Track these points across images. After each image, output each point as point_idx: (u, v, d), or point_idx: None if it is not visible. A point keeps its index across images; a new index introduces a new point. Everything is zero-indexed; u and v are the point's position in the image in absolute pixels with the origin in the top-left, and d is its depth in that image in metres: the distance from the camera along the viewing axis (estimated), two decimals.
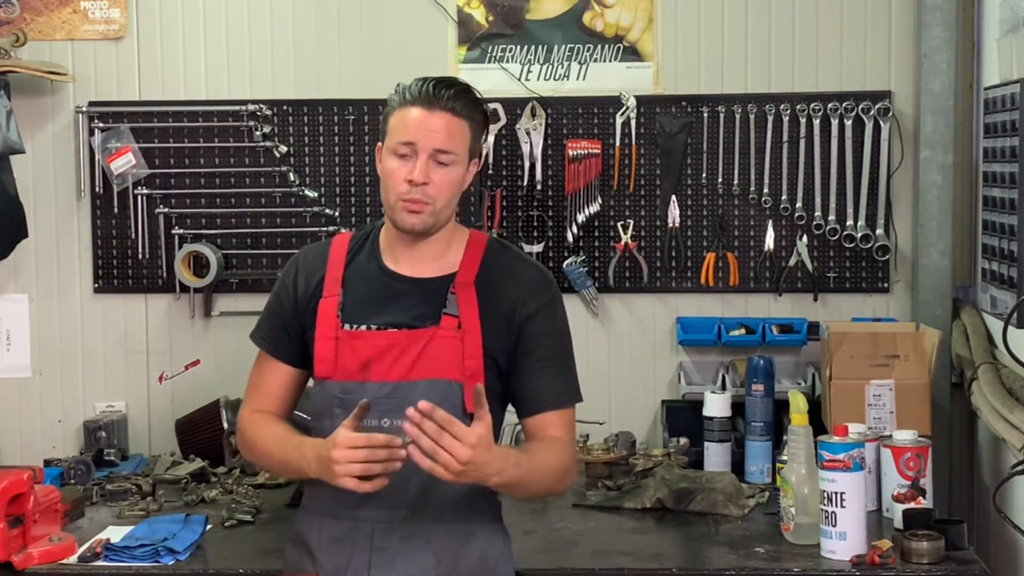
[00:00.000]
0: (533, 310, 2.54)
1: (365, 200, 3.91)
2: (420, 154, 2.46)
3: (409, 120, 2.47)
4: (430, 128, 2.46)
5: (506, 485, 2.41)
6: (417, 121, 2.46)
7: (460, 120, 2.48)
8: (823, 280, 3.85)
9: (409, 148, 2.46)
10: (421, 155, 2.46)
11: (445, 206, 2.50)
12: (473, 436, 2.25)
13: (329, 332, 2.52)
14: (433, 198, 2.47)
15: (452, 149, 2.47)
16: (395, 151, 2.48)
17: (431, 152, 2.46)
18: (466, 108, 2.49)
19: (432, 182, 2.46)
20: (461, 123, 2.49)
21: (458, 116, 2.48)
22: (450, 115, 2.47)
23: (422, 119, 2.46)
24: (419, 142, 2.46)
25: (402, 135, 2.47)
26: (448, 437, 2.23)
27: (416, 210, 2.47)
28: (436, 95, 2.46)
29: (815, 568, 2.83)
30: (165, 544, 2.93)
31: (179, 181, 3.93)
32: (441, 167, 2.47)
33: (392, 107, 2.50)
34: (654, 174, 3.88)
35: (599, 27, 3.89)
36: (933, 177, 3.75)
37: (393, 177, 2.48)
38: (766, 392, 3.54)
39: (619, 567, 2.88)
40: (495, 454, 2.33)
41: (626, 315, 3.93)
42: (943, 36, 3.72)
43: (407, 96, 2.48)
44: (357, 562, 2.48)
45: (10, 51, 3.77)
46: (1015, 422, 2.99)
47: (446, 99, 2.46)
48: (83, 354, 3.98)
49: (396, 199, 2.48)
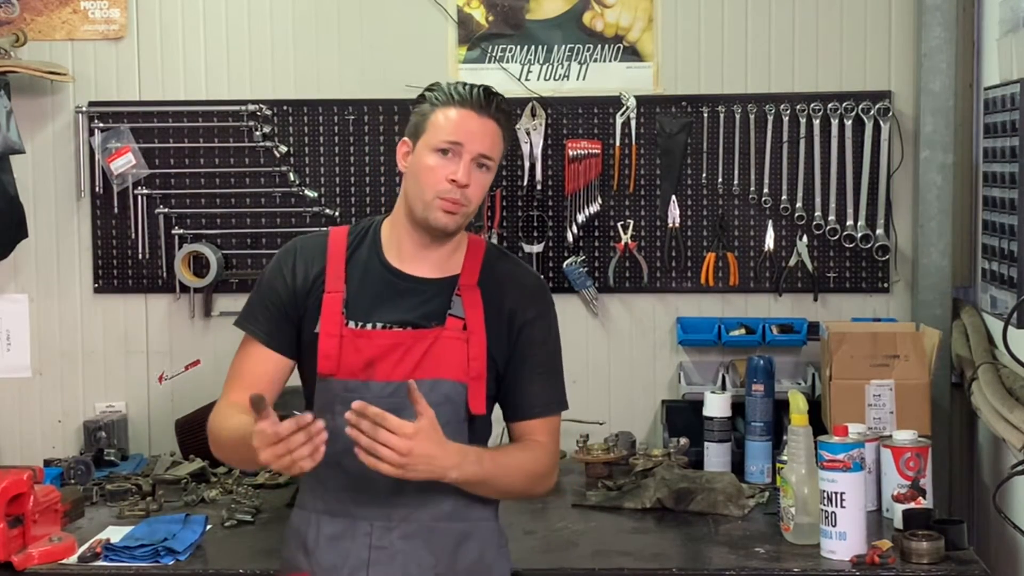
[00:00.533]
0: (532, 316, 2.55)
1: (365, 200, 3.91)
2: (465, 155, 2.46)
3: (457, 121, 2.47)
4: (480, 132, 2.47)
5: (468, 482, 2.43)
6: (467, 123, 2.47)
7: (502, 130, 2.53)
8: (823, 280, 3.85)
9: (455, 148, 2.46)
10: (465, 156, 2.46)
11: (475, 210, 2.53)
12: (409, 428, 2.28)
13: (333, 329, 2.50)
14: (469, 200, 2.49)
15: (494, 156, 2.51)
16: (436, 148, 2.47)
17: (476, 155, 2.47)
18: (507, 120, 2.55)
19: (471, 185, 2.47)
20: (501, 133, 2.53)
21: (501, 127, 2.52)
22: (495, 124, 2.50)
23: (473, 122, 2.47)
24: (467, 144, 2.46)
25: (449, 134, 2.46)
26: (383, 432, 2.26)
27: (453, 211, 2.47)
28: (488, 101, 2.49)
29: (815, 568, 2.84)
30: (165, 544, 2.93)
31: (179, 181, 3.93)
32: (480, 172, 2.49)
33: (434, 105, 2.49)
34: (654, 174, 3.88)
35: (599, 27, 3.89)
36: (933, 177, 3.75)
37: (434, 174, 2.47)
38: (766, 392, 3.54)
39: (619, 567, 2.88)
40: (448, 449, 2.36)
41: (626, 315, 3.93)
42: (943, 36, 3.72)
43: (455, 97, 2.48)
44: (355, 560, 2.48)
45: (10, 51, 3.77)
46: (1015, 422, 2.99)
47: (495, 107, 2.50)
48: (83, 354, 3.98)
49: (434, 196, 2.47)
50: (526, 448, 2.54)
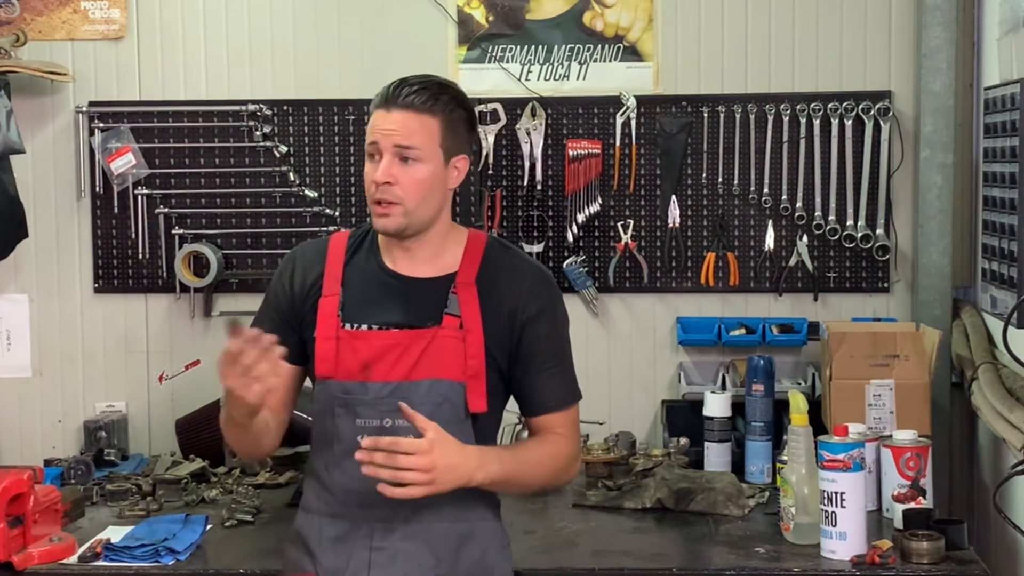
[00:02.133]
0: (536, 311, 2.54)
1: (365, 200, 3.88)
2: (384, 153, 2.47)
3: (374, 122, 2.50)
4: (387, 126, 2.47)
5: (495, 483, 2.43)
6: (379, 122, 2.48)
7: (421, 115, 2.46)
8: (823, 280, 3.85)
9: (374, 148, 2.49)
10: (385, 155, 2.47)
11: (419, 205, 2.49)
12: (424, 443, 2.29)
13: (330, 332, 2.51)
14: (402, 198, 2.47)
15: (413, 144, 2.46)
16: (367, 155, 2.51)
17: (392, 150, 2.46)
18: (428, 103, 2.47)
19: (399, 182, 2.46)
20: (423, 118, 2.46)
21: (419, 111, 2.46)
22: (409, 111, 2.46)
23: (381, 118, 2.48)
24: (380, 141, 2.47)
25: (369, 137, 2.50)
26: (401, 457, 2.27)
27: (385, 212, 2.48)
28: (393, 94, 2.47)
29: (815, 568, 2.84)
30: (165, 544, 2.93)
31: (179, 181, 3.93)
32: (406, 165, 2.47)
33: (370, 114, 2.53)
34: (654, 174, 3.88)
35: (599, 27, 3.89)
36: (933, 177, 3.75)
37: (365, 180, 2.51)
38: (766, 392, 3.54)
39: (619, 567, 2.89)
40: (467, 453, 2.36)
41: (626, 315, 3.93)
42: (943, 36, 3.72)
43: (375, 100, 2.51)
44: (356, 561, 2.48)
45: (10, 51, 3.77)
46: (1015, 422, 2.99)
47: (404, 96, 2.46)
48: (83, 354, 3.98)
49: (371, 202, 2.51)
50: (546, 442, 2.54)
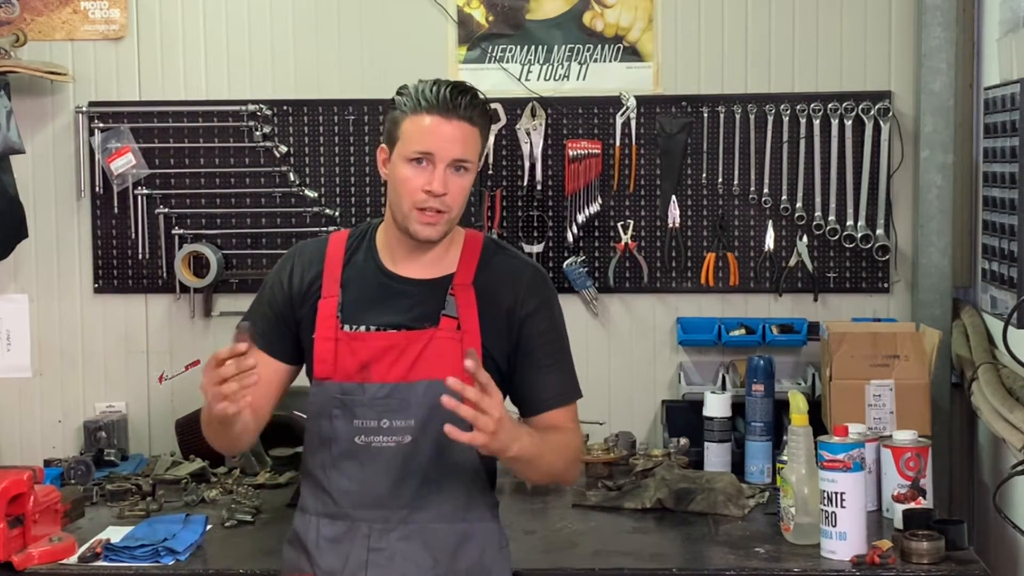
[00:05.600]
0: (532, 309, 2.53)
1: (365, 200, 3.91)
2: (438, 164, 2.41)
3: (427, 129, 2.41)
4: (449, 138, 2.41)
5: (521, 458, 2.37)
6: (437, 130, 2.41)
7: (475, 128, 2.45)
8: (823, 280, 3.85)
9: (428, 157, 2.42)
10: (439, 165, 2.41)
11: (459, 214, 2.48)
12: (498, 395, 2.27)
13: (328, 333, 2.50)
14: (449, 207, 2.44)
15: (469, 158, 2.44)
16: (410, 158, 2.43)
17: (449, 162, 2.42)
18: (481, 116, 2.46)
19: (449, 191, 2.43)
20: (475, 131, 2.45)
21: (474, 124, 2.44)
22: (467, 124, 2.43)
23: (441, 129, 2.41)
24: (438, 152, 2.41)
25: (419, 144, 2.41)
26: (487, 399, 2.23)
27: (433, 221, 2.44)
28: (454, 103, 2.41)
29: (815, 568, 2.84)
30: (165, 544, 2.93)
31: (179, 181, 3.93)
32: (457, 176, 2.44)
33: (403, 112, 2.44)
34: (654, 174, 3.88)
35: (599, 27, 3.89)
36: (933, 177, 3.75)
37: (408, 185, 2.43)
38: (766, 392, 3.54)
39: (619, 567, 2.88)
40: (513, 421, 2.34)
41: (626, 315, 3.93)
42: (943, 36, 3.72)
43: (422, 103, 2.42)
44: (354, 562, 2.47)
45: (10, 51, 3.77)
46: (1015, 422, 2.99)
47: (464, 107, 2.42)
48: (83, 354, 3.98)
49: (411, 208, 2.43)
50: (557, 431, 2.52)
